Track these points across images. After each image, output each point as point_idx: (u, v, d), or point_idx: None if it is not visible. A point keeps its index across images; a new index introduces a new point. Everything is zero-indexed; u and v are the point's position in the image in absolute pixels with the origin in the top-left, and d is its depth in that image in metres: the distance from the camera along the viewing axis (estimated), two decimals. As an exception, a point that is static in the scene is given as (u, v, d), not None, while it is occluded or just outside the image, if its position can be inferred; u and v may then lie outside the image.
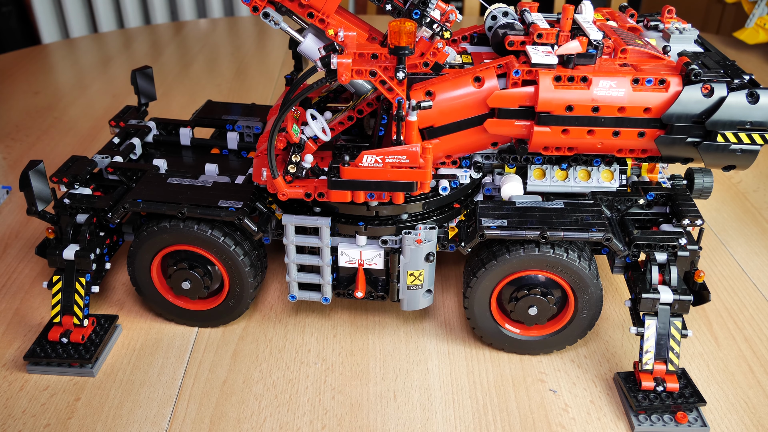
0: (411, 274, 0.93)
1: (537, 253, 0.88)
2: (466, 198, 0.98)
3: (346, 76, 0.81)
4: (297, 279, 0.97)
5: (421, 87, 0.87)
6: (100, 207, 0.97)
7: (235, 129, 1.16)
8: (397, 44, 0.80)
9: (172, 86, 1.84)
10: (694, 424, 0.86)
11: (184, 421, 0.87)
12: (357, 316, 1.04)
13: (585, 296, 0.92)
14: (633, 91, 0.84)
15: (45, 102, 1.73)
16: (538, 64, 0.84)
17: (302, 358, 0.97)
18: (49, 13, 2.78)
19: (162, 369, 0.95)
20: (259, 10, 0.90)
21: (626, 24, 1.00)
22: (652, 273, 0.89)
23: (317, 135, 0.90)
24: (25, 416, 0.87)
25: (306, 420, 0.87)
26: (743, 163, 0.87)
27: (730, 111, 0.83)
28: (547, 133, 0.86)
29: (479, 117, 0.88)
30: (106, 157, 1.05)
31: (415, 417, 0.88)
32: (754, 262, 1.18)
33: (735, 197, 1.37)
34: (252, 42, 2.20)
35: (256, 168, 0.94)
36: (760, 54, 2.06)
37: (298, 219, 0.92)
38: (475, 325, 0.96)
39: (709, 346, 1.00)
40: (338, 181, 0.86)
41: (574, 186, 0.96)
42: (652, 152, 0.89)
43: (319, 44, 0.92)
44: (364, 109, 0.93)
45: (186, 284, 0.96)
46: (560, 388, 0.92)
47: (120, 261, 1.13)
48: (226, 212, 0.91)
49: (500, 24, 0.94)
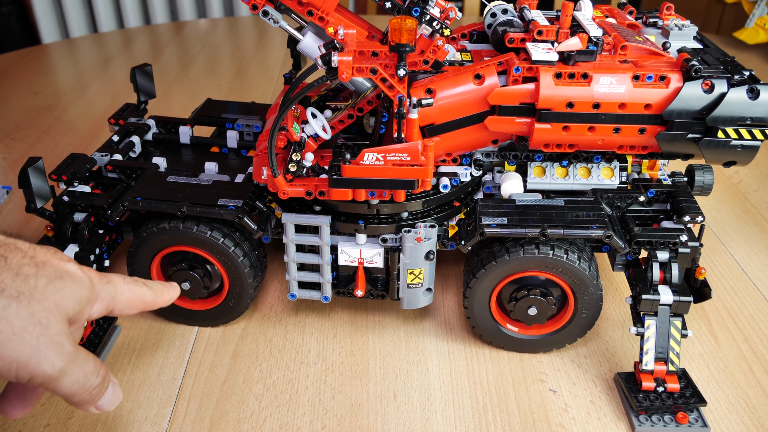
0: (411, 272, 0.92)
1: (537, 254, 0.88)
2: (466, 196, 0.98)
3: (347, 74, 0.81)
4: (297, 278, 0.97)
5: (422, 84, 0.87)
6: (99, 205, 0.96)
7: (235, 127, 1.16)
8: (398, 41, 0.80)
9: (172, 86, 1.84)
10: (694, 425, 0.85)
11: (184, 421, 0.87)
12: (357, 316, 1.04)
13: (585, 297, 0.91)
14: (633, 87, 0.84)
15: (45, 102, 1.73)
16: (539, 61, 0.84)
17: (302, 358, 0.96)
18: (49, 13, 2.78)
19: (162, 369, 0.94)
20: (258, 8, 0.90)
21: (625, 21, 1.00)
22: (653, 271, 0.89)
23: (317, 133, 0.89)
24: (25, 416, 0.87)
25: (306, 420, 0.87)
26: (744, 158, 0.87)
27: (730, 107, 0.83)
28: (548, 130, 0.86)
29: (480, 114, 0.88)
30: (106, 155, 1.05)
31: (415, 417, 0.88)
32: (754, 262, 1.18)
33: (735, 197, 1.37)
34: (252, 42, 2.20)
35: (257, 167, 0.94)
36: (760, 54, 2.05)
37: (297, 217, 0.92)
38: (475, 324, 0.96)
39: (709, 346, 1.00)
40: (339, 179, 0.86)
41: (575, 183, 0.96)
42: (652, 149, 0.89)
43: (319, 42, 0.91)
44: (364, 107, 0.93)
45: (186, 284, 0.96)
46: (560, 388, 0.92)
47: (120, 259, 1.13)
48: (226, 211, 0.90)
49: (500, 21, 0.94)
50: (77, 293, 0.68)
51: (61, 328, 0.65)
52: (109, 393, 0.70)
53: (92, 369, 0.68)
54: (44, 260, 0.67)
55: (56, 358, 0.64)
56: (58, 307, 0.65)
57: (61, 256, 0.70)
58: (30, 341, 0.62)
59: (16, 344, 0.61)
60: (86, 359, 0.67)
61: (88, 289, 0.70)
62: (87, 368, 0.67)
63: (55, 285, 0.66)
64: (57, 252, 0.70)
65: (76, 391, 0.67)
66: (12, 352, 0.61)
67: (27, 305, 0.62)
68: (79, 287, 0.68)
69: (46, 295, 0.65)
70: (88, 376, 0.67)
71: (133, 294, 0.77)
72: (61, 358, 0.64)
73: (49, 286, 0.65)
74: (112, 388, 0.71)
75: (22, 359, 0.62)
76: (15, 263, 0.65)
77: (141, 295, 0.78)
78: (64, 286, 0.67)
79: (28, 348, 0.62)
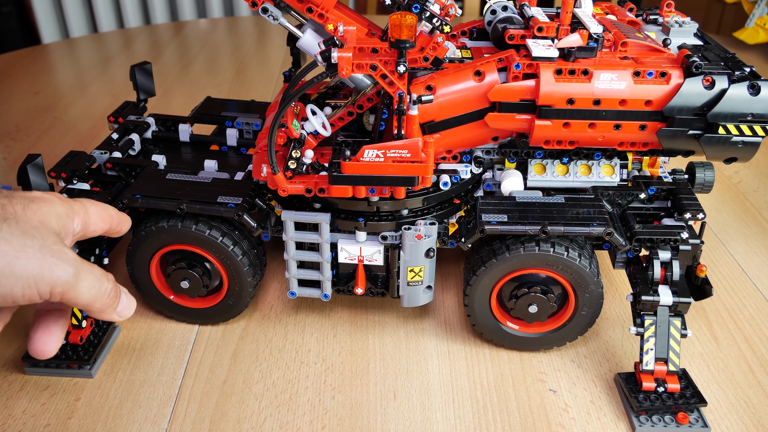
0: (411, 270, 0.92)
1: (537, 251, 0.88)
2: (466, 194, 0.98)
3: (347, 70, 0.81)
4: (297, 275, 0.97)
5: (422, 81, 0.86)
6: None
7: (235, 126, 1.16)
8: (398, 38, 0.80)
9: (172, 86, 1.84)
10: (695, 425, 0.85)
11: (184, 421, 0.86)
12: (357, 315, 1.04)
13: (585, 294, 0.91)
14: (634, 83, 0.83)
15: (45, 102, 1.73)
16: (539, 58, 0.83)
17: (302, 358, 0.96)
18: (49, 13, 2.78)
19: (162, 369, 0.94)
20: (258, 5, 0.89)
21: (625, 18, 1.00)
22: (654, 269, 0.89)
23: (317, 130, 0.89)
24: (25, 416, 0.86)
25: (306, 420, 0.87)
26: (745, 155, 0.87)
27: (731, 103, 0.83)
28: (549, 127, 0.86)
29: (480, 111, 0.88)
30: (105, 152, 1.05)
31: (415, 417, 0.87)
32: (754, 262, 1.18)
33: (735, 197, 1.37)
34: (252, 42, 2.20)
35: (256, 164, 0.94)
36: (760, 54, 2.05)
37: (297, 215, 0.92)
38: (475, 322, 0.95)
39: (709, 346, 0.99)
40: (339, 176, 0.85)
41: (575, 181, 0.95)
42: (653, 145, 0.89)
43: (319, 39, 0.91)
44: (364, 104, 0.93)
45: (185, 283, 0.96)
46: (560, 388, 0.92)
47: (119, 258, 1.12)
48: (225, 208, 0.90)
49: (499, 18, 0.93)
50: (53, 209, 0.72)
51: (56, 239, 0.69)
52: (124, 299, 0.76)
53: (101, 273, 0.72)
54: (10, 194, 0.71)
55: (65, 264, 0.68)
56: (44, 224, 0.69)
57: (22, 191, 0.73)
58: (35, 254, 0.66)
59: (24, 260, 0.65)
60: (91, 265, 0.72)
61: (61, 205, 0.74)
62: (96, 272, 0.72)
63: (31, 207, 0.70)
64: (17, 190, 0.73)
65: (95, 295, 0.71)
66: (23, 267, 0.65)
67: (16, 225, 0.66)
68: (53, 205, 0.73)
69: (27, 216, 0.69)
70: (100, 279, 0.72)
71: (100, 207, 0.80)
72: (69, 264, 0.68)
73: (27, 209, 0.69)
74: (124, 295, 0.76)
75: (36, 271, 0.66)
76: None
77: (106, 208, 0.82)
78: (39, 207, 0.71)
79: (36, 260, 0.66)
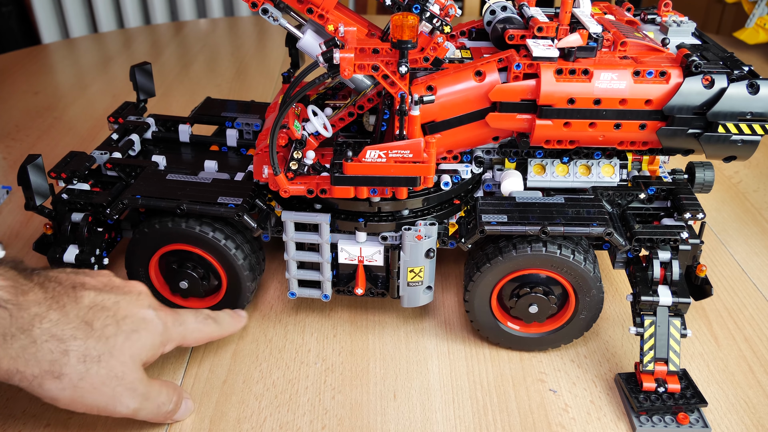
0: (411, 270, 0.92)
1: (544, 252, 0.88)
2: (466, 194, 0.98)
3: (349, 71, 0.81)
4: (297, 276, 0.97)
5: (423, 82, 0.86)
6: (99, 203, 0.96)
7: (234, 126, 1.16)
8: (400, 38, 0.80)
9: (172, 86, 1.84)
10: (695, 425, 0.85)
11: (185, 420, 0.86)
12: (357, 316, 1.04)
13: (587, 298, 0.91)
14: (634, 83, 0.83)
15: (45, 102, 1.73)
16: (540, 58, 0.83)
17: (302, 358, 0.96)
18: (49, 13, 2.78)
19: (162, 369, 0.94)
20: (258, 6, 0.89)
21: (624, 17, 1.00)
22: (654, 269, 0.89)
23: (319, 131, 0.89)
24: (25, 416, 0.86)
25: (306, 420, 0.87)
26: (744, 153, 0.87)
27: (730, 102, 0.83)
28: (549, 126, 0.86)
29: (481, 111, 0.88)
30: (105, 153, 1.05)
31: (415, 417, 0.87)
32: (754, 262, 1.18)
33: (735, 197, 1.37)
34: (252, 42, 2.20)
35: (257, 165, 0.94)
36: (760, 54, 2.05)
37: (297, 215, 0.92)
38: (474, 320, 0.95)
39: (709, 346, 0.99)
40: (342, 176, 0.86)
41: (575, 181, 0.95)
42: (653, 144, 0.89)
43: (319, 40, 0.91)
44: (365, 105, 0.93)
45: (184, 284, 0.96)
46: (560, 388, 0.92)
47: (119, 257, 1.12)
48: (226, 208, 0.90)
49: (499, 18, 0.93)
50: (151, 341, 0.80)
51: (136, 375, 0.78)
52: (182, 409, 0.84)
53: (164, 400, 0.81)
54: (125, 314, 0.79)
55: (130, 400, 0.77)
56: (134, 359, 0.78)
57: (140, 302, 0.82)
58: (107, 392, 0.76)
59: (96, 396, 0.76)
60: (159, 393, 0.81)
61: (161, 335, 0.82)
62: (159, 400, 0.80)
63: (132, 339, 0.78)
64: (139, 297, 0.82)
65: (152, 418, 0.81)
66: (93, 401, 0.76)
67: (106, 364, 0.76)
68: (153, 336, 0.81)
69: (123, 350, 0.77)
70: (160, 407, 0.81)
71: (202, 333, 0.89)
72: (134, 400, 0.78)
73: (126, 342, 0.78)
74: (185, 404, 0.85)
75: (101, 406, 0.77)
76: (99, 326, 0.76)
77: (209, 332, 0.90)
78: (140, 338, 0.79)
79: (106, 397, 0.76)
